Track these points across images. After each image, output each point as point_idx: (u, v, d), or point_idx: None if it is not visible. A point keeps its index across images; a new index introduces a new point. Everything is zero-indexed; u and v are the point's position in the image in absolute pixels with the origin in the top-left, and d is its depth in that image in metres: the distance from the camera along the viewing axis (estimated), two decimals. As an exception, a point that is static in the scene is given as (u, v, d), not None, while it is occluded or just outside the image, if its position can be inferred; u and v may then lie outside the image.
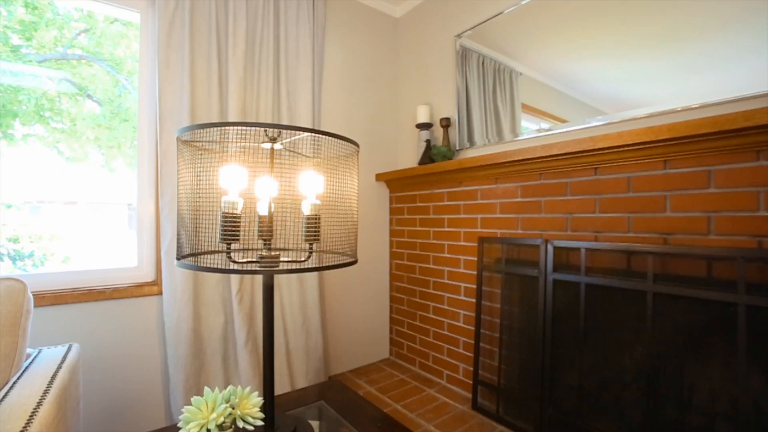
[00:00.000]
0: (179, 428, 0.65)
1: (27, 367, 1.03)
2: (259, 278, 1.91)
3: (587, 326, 1.53)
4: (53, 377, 0.96)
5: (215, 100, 1.79)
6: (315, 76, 2.13)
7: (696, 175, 1.31)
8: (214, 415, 0.66)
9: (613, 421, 1.46)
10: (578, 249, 1.56)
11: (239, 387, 0.74)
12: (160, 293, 1.75)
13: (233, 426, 0.70)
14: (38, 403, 0.82)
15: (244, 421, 0.70)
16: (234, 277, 1.80)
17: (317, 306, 2.10)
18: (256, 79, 1.91)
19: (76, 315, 1.58)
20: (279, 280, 1.99)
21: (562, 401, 1.60)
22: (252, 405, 0.72)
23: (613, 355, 1.49)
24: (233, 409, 0.69)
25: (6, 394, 0.86)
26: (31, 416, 0.76)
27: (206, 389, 0.70)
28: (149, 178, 1.77)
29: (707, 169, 1.28)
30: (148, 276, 1.78)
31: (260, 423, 0.72)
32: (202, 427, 0.65)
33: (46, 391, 0.88)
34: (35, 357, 1.12)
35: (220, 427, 0.67)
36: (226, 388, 1.78)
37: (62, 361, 1.07)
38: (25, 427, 0.72)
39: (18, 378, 0.96)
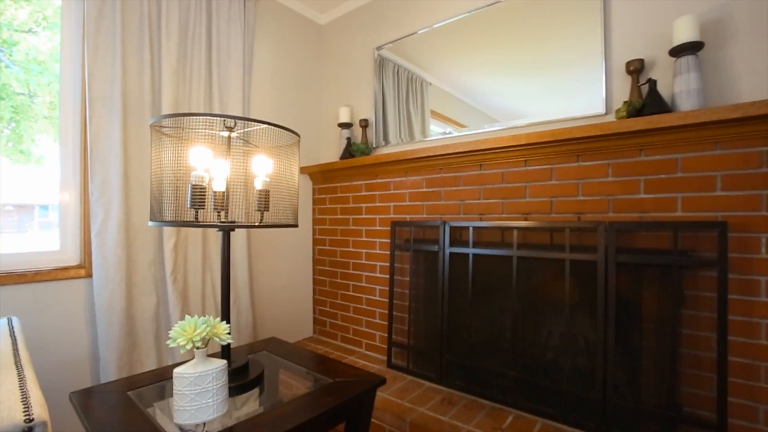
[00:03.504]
0: (168, 344, 0.85)
1: (-25, 333, 1.09)
2: (192, 260, 2.02)
3: (474, 289, 1.97)
4: (12, 335, 1.05)
5: (147, 89, 1.86)
6: (245, 73, 2.29)
7: (544, 171, 1.82)
8: (199, 331, 0.87)
9: (493, 362, 1.90)
10: (467, 227, 2.00)
11: (210, 317, 0.96)
12: (87, 276, 1.77)
13: (206, 345, 0.92)
14: (14, 349, 0.93)
15: (219, 338, 0.92)
16: (168, 258, 1.89)
17: (247, 287, 2.26)
18: (188, 72, 2.02)
19: (-5, 297, 1.55)
20: (212, 261, 2.11)
21: (457, 350, 2.02)
22: (223, 329, 0.94)
23: (494, 309, 1.95)
24: (210, 329, 0.91)
25: (-27, 347, 0.94)
26: (14, 352, 0.88)
27: (187, 316, 0.91)
28: (74, 163, 1.78)
29: (550, 167, 1.80)
30: (73, 260, 1.78)
31: (231, 341, 0.95)
32: (188, 340, 0.86)
33: (14, 343, 0.98)
34: (-24, 327, 1.16)
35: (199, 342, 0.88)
36: (159, 365, 1.88)
37: (11, 326, 1.14)
38: (15, 358, 0.84)
39: (-26, 338, 1.03)
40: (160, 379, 1.25)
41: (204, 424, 0.93)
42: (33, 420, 0.62)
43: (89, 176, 1.72)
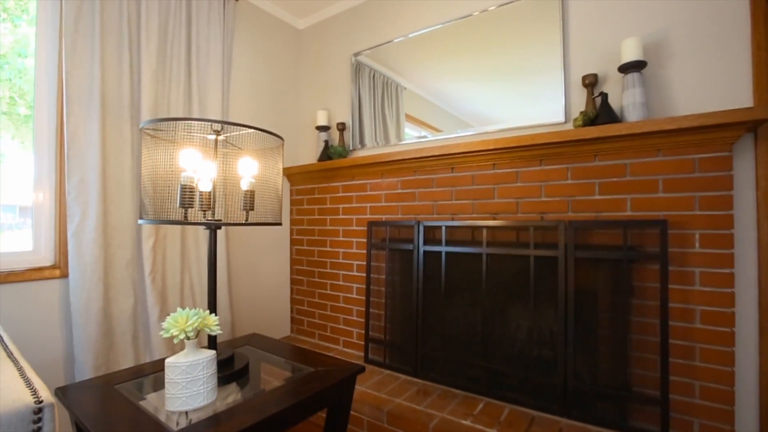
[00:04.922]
0: (162, 335, 0.89)
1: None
2: (171, 260, 2.03)
3: (447, 285, 2.09)
4: (-2, 332, 1.06)
5: (127, 90, 1.87)
6: (224, 75, 2.32)
7: (510, 174, 1.96)
8: (191, 322, 0.92)
9: (466, 354, 2.01)
10: (440, 227, 2.11)
11: (200, 309, 1.01)
12: (62, 276, 1.76)
13: (197, 336, 0.97)
14: (2, 344, 0.95)
15: (209, 329, 0.98)
16: (147, 259, 1.90)
17: (226, 286, 2.29)
18: (168, 73, 2.03)
19: (-35, 298, 1.52)
20: (191, 262, 2.13)
21: (431, 344, 2.13)
22: (213, 321, 1.00)
23: (465, 304, 2.07)
24: (201, 320, 0.96)
25: (-40, 344, 0.96)
26: (4, 347, 0.90)
27: (178, 309, 0.96)
28: (49, 162, 1.76)
29: (516, 170, 1.94)
30: (47, 260, 1.76)
31: (220, 332, 1.00)
32: (181, 331, 0.91)
33: (1, 339, 1.00)
34: (-46, 326, 1.15)
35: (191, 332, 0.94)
36: (136, 364, 1.88)
37: (-6, 324, 1.15)
38: (7, 351, 0.87)
39: (-43, 336, 1.03)
40: (141, 375, 1.28)
41: (187, 413, 0.98)
42: (42, 401, 0.66)
43: (66, 175, 1.71)
